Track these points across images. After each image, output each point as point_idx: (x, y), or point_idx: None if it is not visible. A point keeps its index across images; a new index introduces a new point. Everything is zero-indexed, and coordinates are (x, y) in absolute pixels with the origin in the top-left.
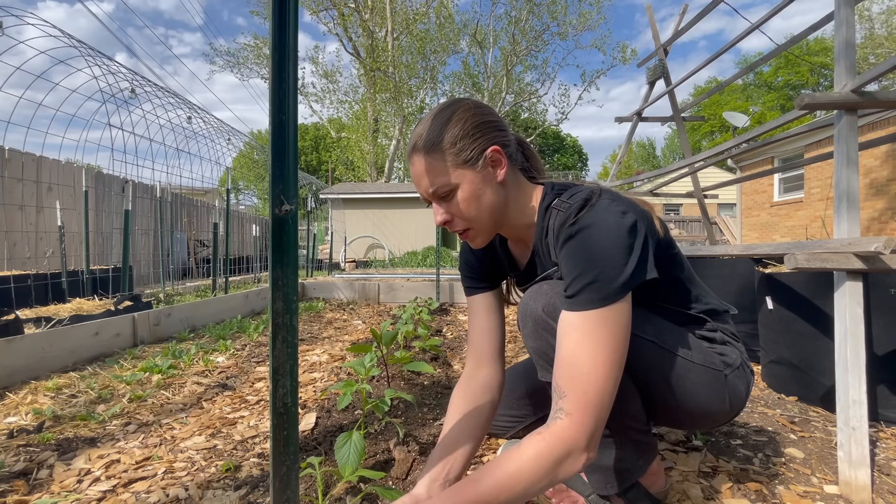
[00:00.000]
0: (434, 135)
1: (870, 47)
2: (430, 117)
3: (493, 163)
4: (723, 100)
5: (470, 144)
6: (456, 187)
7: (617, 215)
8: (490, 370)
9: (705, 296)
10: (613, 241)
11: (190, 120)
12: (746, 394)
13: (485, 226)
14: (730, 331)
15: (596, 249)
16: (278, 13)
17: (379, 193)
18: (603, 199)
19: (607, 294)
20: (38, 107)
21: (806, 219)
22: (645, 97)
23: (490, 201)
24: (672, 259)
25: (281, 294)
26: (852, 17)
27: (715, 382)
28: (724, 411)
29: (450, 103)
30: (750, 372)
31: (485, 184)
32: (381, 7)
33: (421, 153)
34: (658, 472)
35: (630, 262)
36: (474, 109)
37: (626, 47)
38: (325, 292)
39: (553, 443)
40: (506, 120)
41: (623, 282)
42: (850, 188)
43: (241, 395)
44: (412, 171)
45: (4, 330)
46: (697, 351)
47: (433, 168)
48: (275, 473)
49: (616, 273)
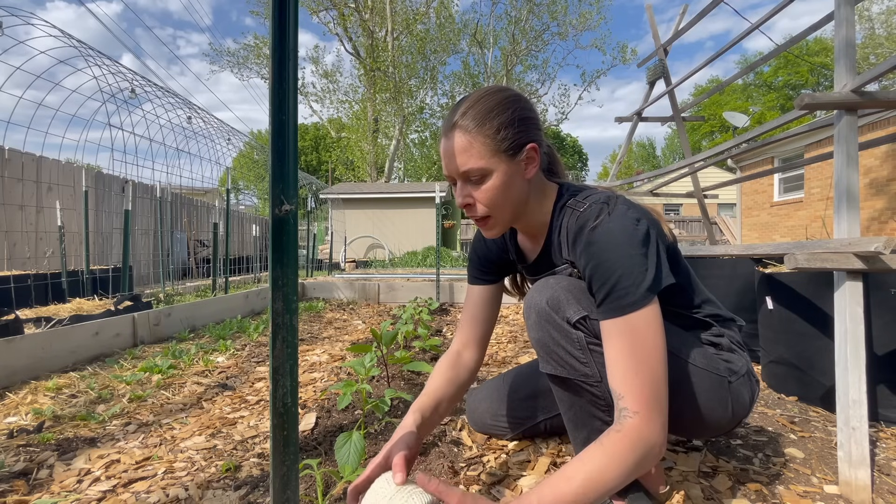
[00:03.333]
0: (482, 116)
1: (870, 47)
2: (477, 98)
3: (528, 159)
4: (723, 100)
5: (514, 135)
6: (489, 173)
7: (633, 222)
8: (473, 353)
9: (711, 302)
10: (634, 249)
11: (190, 120)
12: (751, 403)
13: (505, 217)
14: (736, 339)
15: (618, 257)
16: (278, 13)
17: (379, 193)
18: (620, 205)
19: (635, 300)
20: (38, 107)
21: (806, 219)
22: (645, 97)
23: (516, 195)
24: (679, 265)
25: (281, 294)
26: (852, 15)
27: (718, 388)
28: (727, 418)
29: (500, 88)
30: (756, 382)
31: (515, 177)
32: (381, 7)
33: (464, 130)
34: (658, 475)
35: (650, 269)
36: (524, 102)
37: (626, 47)
38: (325, 292)
39: (634, 439)
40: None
41: (647, 287)
42: (850, 188)
43: (241, 395)
44: (446, 145)
45: (4, 330)
46: (701, 355)
47: (472, 148)
48: (275, 473)
49: (640, 279)
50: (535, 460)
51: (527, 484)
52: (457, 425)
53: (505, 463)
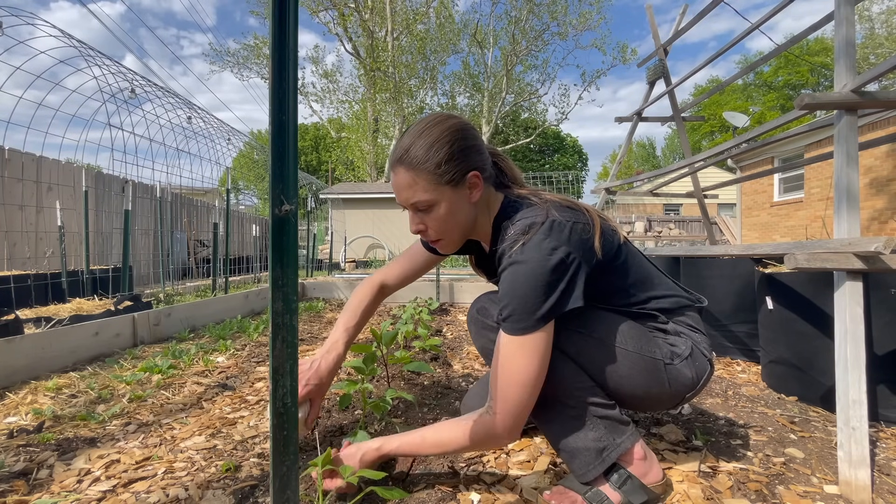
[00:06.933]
0: (422, 153)
1: (870, 47)
2: (419, 132)
3: (471, 185)
4: (723, 100)
5: (454, 167)
6: (436, 203)
7: (546, 253)
8: (391, 286)
9: (659, 296)
10: (536, 280)
11: (190, 120)
12: (695, 380)
13: (454, 238)
14: (687, 323)
15: (520, 286)
16: (278, 13)
17: (379, 193)
18: (538, 234)
19: (526, 326)
20: (38, 106)
21: (806, 219)
22: (645, 97)
23: (463, 218)
24: (615, 270)
25: (281, 294)
26: (852, 15)
27: (653, 369)
28: (667, 393)
29: (439, 120)
30: (707, 361)
31: (460, 202)
32: (381, 7)
33: (407, 167)
34: (648, 460)
35: (550, 299)
36: (461, 132)
37: (626, 47)
38: (325, 292)
39: (480, 430)
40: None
41: (540, 316)
42: (851, 188)
43: (241, 395)
44: (394, 179)
45: (4, 330)
46: (635, 340)
47: (416, 184)
48: (275, 473)
49: (534, 309)
50: (534, 460)
51: (527, 484)
52: None
53: (505, 463)
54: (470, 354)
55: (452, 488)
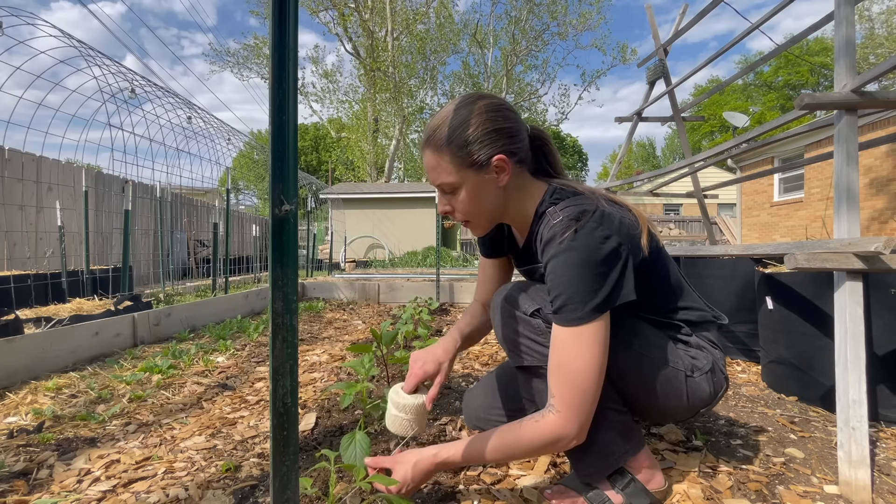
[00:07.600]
0: (447, 133)
1: (870, 47)
2: (448, 113)
3: (497, 169)
4: (723, 100)
5: (479, 150)
6: (460, 186)
7: (599, 241)
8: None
9: (689, 308)
10: (590, 268)
11: (190, 120)
12: (712, 395)
13: (482, 221)
14: (709, 338)
15: (575, 274)
16: (278, 13)
17: (379, 193)
18: (591, 221)
19: (582, 315)
20: (38, 106)
21: (806, 219)
22: (645, 97)
23: (490, 203)
24: (652, 274)
25: (281, 294)
26: (852, 15)
27: (674, 380)
28: (683, 407)
29: (470, 100)
30: (724, 378)
31: (486, 187)
32: (381, 7)
33: (432, 149)
34: (652, 467)
35: (604, 289)
36: (492, 113)
37: (626, 47)
38: (325, 292)
39: (547, 431)
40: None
41: (596, 305)
42: (851, 188)
43: (241, 395)
44: (424, 160)
45: (4, 330)
46: (661, 351)
47: (441, 165)
48: (275, 473)
49: (590, 297)
50: (535, 460)
51: (527, 484)
52: (456, 425)
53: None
54: (470, 354)
55: (452, 488)
